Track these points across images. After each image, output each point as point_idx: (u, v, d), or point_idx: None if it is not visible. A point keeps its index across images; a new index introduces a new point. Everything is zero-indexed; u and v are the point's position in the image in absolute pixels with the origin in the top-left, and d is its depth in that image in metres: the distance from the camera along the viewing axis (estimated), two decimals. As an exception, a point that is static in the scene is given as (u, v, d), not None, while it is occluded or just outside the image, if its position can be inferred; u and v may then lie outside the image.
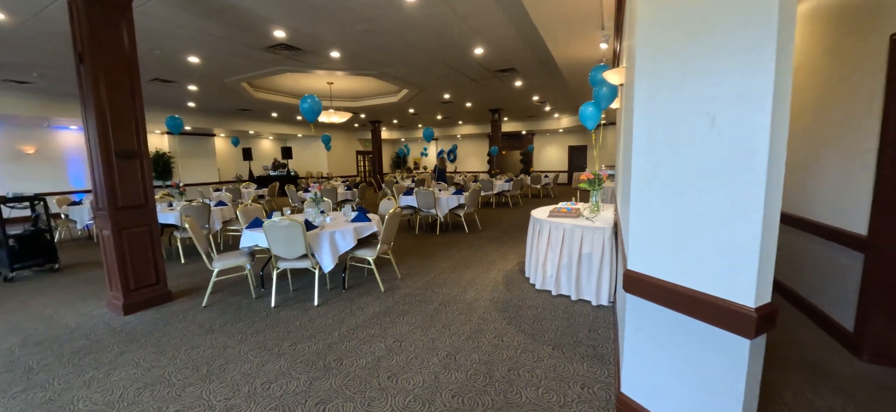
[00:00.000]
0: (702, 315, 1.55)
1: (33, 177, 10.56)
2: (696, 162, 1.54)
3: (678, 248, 1.62)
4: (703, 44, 1.47)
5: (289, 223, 3.37)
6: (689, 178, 1.56)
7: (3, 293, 4.27)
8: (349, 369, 2.50)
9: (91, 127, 3.33)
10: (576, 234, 3.57)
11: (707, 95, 1.48)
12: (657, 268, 1.71)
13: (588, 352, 2.69)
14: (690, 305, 1.58)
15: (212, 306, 3.65)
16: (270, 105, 11.56)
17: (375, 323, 3.21)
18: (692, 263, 1.58)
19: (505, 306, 3.52)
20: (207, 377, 2.45)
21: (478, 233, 7.04)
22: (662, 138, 1.65)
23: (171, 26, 5.14)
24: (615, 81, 3.56)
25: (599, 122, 4.16)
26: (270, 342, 2.90)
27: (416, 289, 4.01)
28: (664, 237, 1.67)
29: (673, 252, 1.64)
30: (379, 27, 5.41)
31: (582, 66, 6.43)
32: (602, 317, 3.26)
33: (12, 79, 7.58)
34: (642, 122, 1.74)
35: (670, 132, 1.62)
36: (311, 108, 6.03)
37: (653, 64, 1.66)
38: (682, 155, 1.58)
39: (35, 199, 5.10)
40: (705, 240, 1.53)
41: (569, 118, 16.48)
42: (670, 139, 1.62)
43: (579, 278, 3.60)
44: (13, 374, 2.57)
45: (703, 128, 1.50)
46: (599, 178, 4.06)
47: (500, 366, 2.50)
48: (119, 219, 3.45)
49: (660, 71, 1.63)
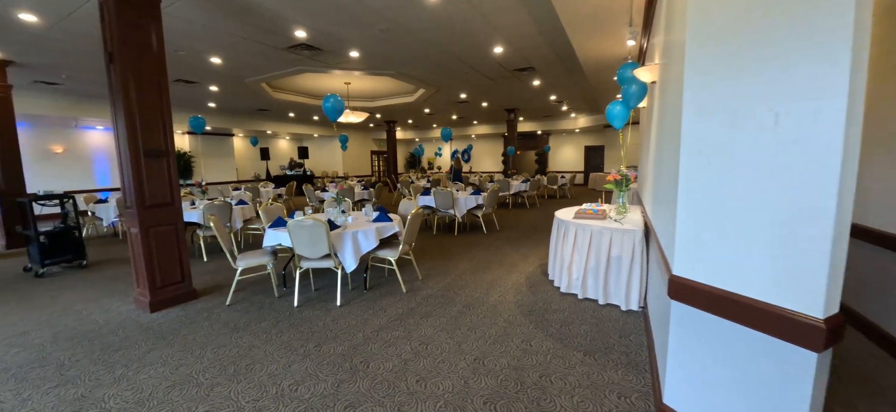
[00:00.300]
0: (761, 325, 1.45)
1: (61, 175, 10.89)
2: (755, 162, 1.44)
3: (734, 254, 1.52)
4: (763, 32, 1.38)
5: (312, 223, 3.35)
6: (746, 180, 1.47)
7: (34, 288, 4.37)
8: (376, 372, 2.46)
9: (120, 126, 3.37)
10: (604, 237, 3.47)
11: (768, 90, 1.39)
12: (709, 275, 1.62)
13: (621, 359, 2.59)
14: (748, 315, 1.48)
15: (235, 305, 3.66)
16: (288, 105, 11.68)
17: (399, 324, 3.16)
18: (750, 270, 1.48)
19: (530, 309, 3.43)
20: (235, 377, 2.43)
21: (496, 233, 6.95)
22: (715, 137, 1.55)
23: (195, 27, 5.21)
24: (647, 79, 3.44)
25: (627, 121, 4.04)
26: (295, 342, 2.88)
27: (437, 291, 3.95)
28: (717, 242, 1.58)
29: (728, 258, 1.54)
30: (399, 26, 5.38)
31: (605, 64, 6.29)
32: (632, 322, 3.15)
33: (42, 80, 7.80)
34: (691, 120, 1.65)
35: (724, 130, 1.52)
36: (333, 107, 6.04)
37: (704, 56, 1.57)
38: (738, 155, 1.48)
39: (65, 197, 5.22)
40: (766, 246, 1.43)
41: (586, 118, 16.23)
42: (724, 138, 1.52)
43: (607, 282, 3.49)
44: (46, 369, 2.60)
45: (763, 125, 1.41)
46: (627, 179, 3.94)
47: (530, 373, 2.43)
48: (146, 218, 3.49)
49: (712, 63, 1.54)
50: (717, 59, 1.52)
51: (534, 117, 16.30)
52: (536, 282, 4.21)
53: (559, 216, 4.10)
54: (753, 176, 1.45)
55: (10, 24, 4.85)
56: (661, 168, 2.56)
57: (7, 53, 6.06)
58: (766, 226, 1.43)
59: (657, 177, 2.86)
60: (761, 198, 1.43)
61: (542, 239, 6.40)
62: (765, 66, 1.38)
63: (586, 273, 3.61)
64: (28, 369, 2.61)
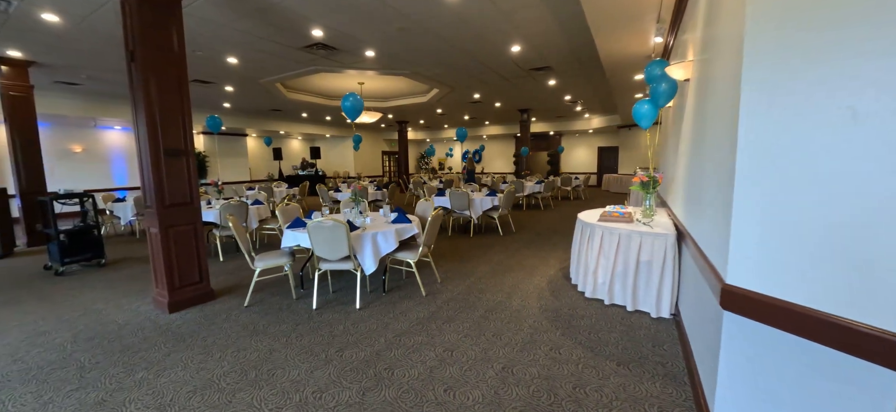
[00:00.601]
0: (833, 341, 1.32)
1: (80, 174, 11.06)
2: (827, 162, 1.31)
3: (801, 263, 1.39)
4: (838, 17, 1.25)
5: (333, 224, 3.28)
6: (817, 182, 1.34)
7: (54, 286, 4.38)
8: (401, 380, 2.37)
9: (141, 125, 3.35)
10: (633, 241, 3.33)
11: (844, 84, 1.26)
12: (770, 285, 1.49)
13: (657, 369, 2.46)
14: (817, 329, 1.35)
15: (253, 306, 3.61)
16: (302, 105, 11.70)
17: (421, 329, 3.07)
18: (820, 280, 1.35)
19: (555, 315, 3.32)
20: (256, 383, 2.37)
21: (512, 235, 6.83)
22: (780, 135, 1.43)
23: (213, 27, 5.20)
24: (679, 76, 3.30)
25: (656, 120, 3.89)
26: (316, 347, 2.80)
27: (458, 294, 3.86)
28: (782, 250, 1.45)
29: (794, 266, 1.42)
30: (417, 25, 5.30)
31: (626, 63, 6.13)
32: (664, 330, 3.01)
33: (63, 80, 7.90)
34: (750, 118, 1.53)
35: (791, 128, 1.40)
36: (353, 107, 6.00)
37: (767, 46, 1.44)
38: (808, 154, 1.36)
39: (84, 196, 5.25)
40: (840, 254, 1.30)
41: (600, 118, 16.00)
42: (791, 136, 1.40)
43: (636, 287, 3.35)
44: (66, 371, 2.57)
45: (839, 122, 1.28)
46: (654, 181, 3.80)
47: (563, 383, 2.31)
48: (166, 217, 3.46)
49: (777, 54, 1.42)
50: (784, 48, 1.40)
51: (546, 118, 16.12)
52: (559, 286, 4.09)
53: (582, 218, 3.98)
54: (825, 177, 1.33)
55: (33, 24, 4.89)
56: (703, 170, 2.42)
57: (29, 54, 6.14)
58: (840, 233, 1.30)
59: (695, 179, 2.72)
60: (835, 201, 1.31)
61: (559, 241, 6.27)
62: (841, 53, 1.26)
63: (613, 278, 3.48)
64: (49, 371, 2.57)
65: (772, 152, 1.46)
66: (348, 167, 19.60)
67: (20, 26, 4.97)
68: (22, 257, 5.94)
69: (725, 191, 1.72)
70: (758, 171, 1.51)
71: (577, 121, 16.88)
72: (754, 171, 1.53)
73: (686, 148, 3.26)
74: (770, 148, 1.47)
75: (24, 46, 5.78)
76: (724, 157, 1.79)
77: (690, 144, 3.02)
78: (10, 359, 2.74)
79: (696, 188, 2.62)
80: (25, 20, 4.77)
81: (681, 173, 3.48)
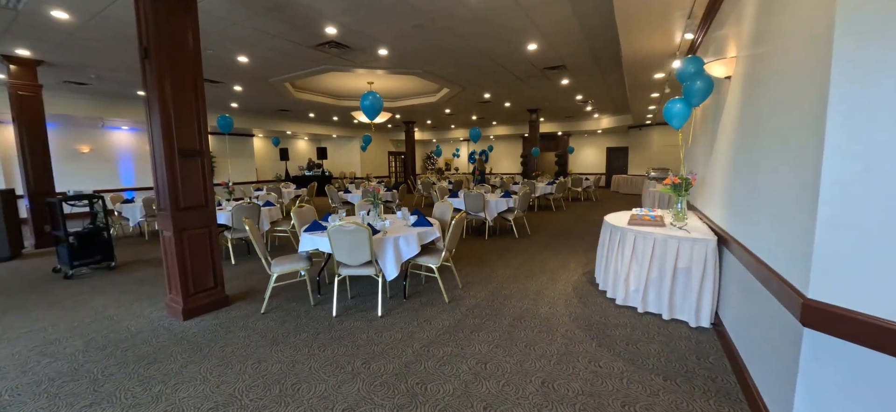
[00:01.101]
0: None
1: (87, 175, 10.98)
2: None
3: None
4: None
5: (354, 227, 3.13)
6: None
7: (64, 290, 4.26)
8: (437, 396, 2.22)
9: (155, 124, 3.21)
10: (670, 246, 3.17)
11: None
12: (871, 303, 1.33)
13: (707, 385, 2.30)
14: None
15: (270, 313, 3.47)
16: (309, 105, 11.58)
17: (449, 339, 2.92)
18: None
19: (587, 324, 3.16)
20: (281, 399, 2.22)
21: (528, 238, 6.67)
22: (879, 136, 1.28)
23: (225, 24, 5.07)
24: (720, 74, 3.13)
25: (689, 119, 3.72)
26: (341, 358, 2.66)
27: (481, 300, 3.70)
28: (885, 263, 1.29)
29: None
30: (433, 22, 5.15)
31: (648, 61, 5.96)
32: (706, 341, 2.84)
33: (72, 80, 7.81)
34: (841, 117, 1.37)
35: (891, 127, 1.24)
36: (372, 106, 5.88)
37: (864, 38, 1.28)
38: (924, 155, 1.20)
39: (94, 197, 5.13)
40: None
41: (610, 118, 15.79)
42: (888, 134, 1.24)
43: (673, 295, 3.19)
44: (79, 384, 2.43)
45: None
46: (687, 183, 3.62)
47: (610, 401, 2.15)
48: (181, 220, 3.32)
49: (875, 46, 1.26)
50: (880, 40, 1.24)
51: (555, 118, 15.92)
52: (585, 292, 3.92)
53: (611, 221, 3.82)
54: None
55: (43, 22, 4.78)
56: (756, 172, 2.25)
57: (38, 53, 6.03)
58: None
59: (743, 182, 2.55)
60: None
61: (577, 244, 6.10)
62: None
63: (648, 285, 3.32)
64: (60, 383, 2.44)
65: (866, 154, 1.31)
66: (355, 168, 19.48)
67: (29, 24, 4.86)
68: (30, 259, 5.83)
69: (807, 196, 1.56)
70: (849, 175, 1.36)
71: (587, 121, 16.68)
72: (845, 175, 1.37)
73: (726, 148, 3.09)
74: (865, 149, 1.32)
75: (32, 45, 5.67)
76: (802, 159, 1.63)
77: (734, 145, 2.85)
78: (19, 370, 2.61)
79: (746, 191, 2.45)
80: (34, 17, 4.66)
81: (719, 175, 3.31)
